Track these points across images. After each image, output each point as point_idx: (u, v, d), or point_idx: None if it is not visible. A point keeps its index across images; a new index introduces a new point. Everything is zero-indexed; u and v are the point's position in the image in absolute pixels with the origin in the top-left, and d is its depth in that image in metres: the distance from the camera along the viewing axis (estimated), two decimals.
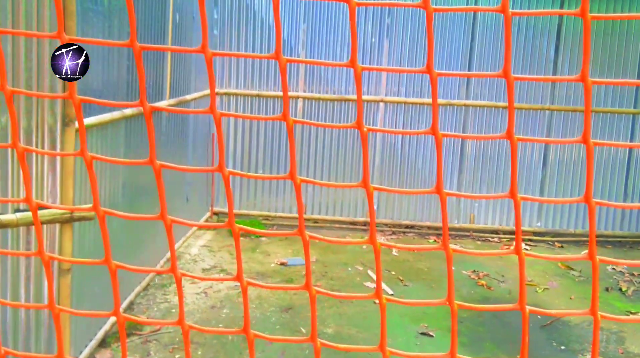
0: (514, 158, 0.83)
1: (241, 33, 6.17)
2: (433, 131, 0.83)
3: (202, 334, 3.91)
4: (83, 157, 0.86)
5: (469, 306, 0.87)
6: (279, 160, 6.38)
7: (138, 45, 0.81)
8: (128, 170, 3.95)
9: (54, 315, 0.91)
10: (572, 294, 4.90)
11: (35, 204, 0.87)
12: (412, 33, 6.14)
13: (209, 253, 5.50)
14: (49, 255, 0.89)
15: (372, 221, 0.87)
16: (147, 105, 0.83)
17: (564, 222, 6.40)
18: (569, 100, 6.22)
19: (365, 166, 0.86)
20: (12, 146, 0.85)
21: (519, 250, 0.83)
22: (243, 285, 0.89)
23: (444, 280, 5.09)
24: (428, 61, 0.82)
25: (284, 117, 0.85)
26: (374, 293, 0.89)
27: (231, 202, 0.88)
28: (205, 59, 0.82)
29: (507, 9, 0.79)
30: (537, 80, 0.83)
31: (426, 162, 6.35)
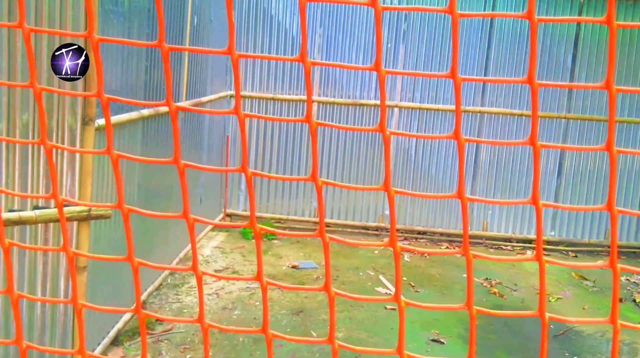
0: (537, 164, 0.83)
1: (257, 36, 6.20)
2: (456, 136, 0.84)
3: (213, 335, 3.93)
4: (109, 155, 0.87)
5: (487, 311, 0.87)
6: (293, 163, 6.39)
7: (166, 46, 0.82)
8: (143, 172, 3.98)
9: (77, 310, 0.93)
10: (585, 304, 4.85)
11: (61, 200, 0.89)
12: (428, 38, 6.14)
13: (221, 255, 5.52)
14: (74, 251, 0.90)
15: (392, 224, 0.88)
16: (174, 105, 0.84)
17: (578, 232, 6.34)
18: (586, 109, 6.17)
19: (387, 169, 0.87)
20: (40, 142, 0.87)
21: (540, 256, 0.83)
22: (263, 284, 0.90)
23: (456, 286, 5.06)
24: (452, 66, 0.82)
25: (307, 119, 0.86)
26: (393, 297, 0.90)
27: (253, 202, 0.89)
28: (231, 61, 0.83)
29: (533, 15, 0.80)
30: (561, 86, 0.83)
31: (440, 168, 6.33)
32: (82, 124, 2.53)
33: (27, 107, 2.29)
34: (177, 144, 0.86)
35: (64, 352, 0.96)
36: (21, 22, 0.85)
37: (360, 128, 0.84)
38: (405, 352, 0.90)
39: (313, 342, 0.96)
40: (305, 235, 0.91)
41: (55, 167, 0.69)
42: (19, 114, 2.24)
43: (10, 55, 2.17)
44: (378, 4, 0.82)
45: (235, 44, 0.82)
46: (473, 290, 0.87)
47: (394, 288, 4.89)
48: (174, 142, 0.87)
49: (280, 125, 6.37)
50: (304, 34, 0.84)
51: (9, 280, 0.92)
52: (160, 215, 0.91)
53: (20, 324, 0.95)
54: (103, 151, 0.88)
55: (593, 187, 6.26)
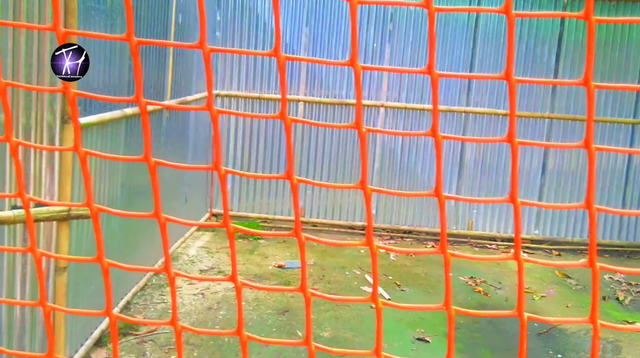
0: (515, 162, 0.82)
1: (244, 35, 6.17)
2: (433, 133, 0.82)
3: (198, 335, 3.90)
4: (77, 152, 0.84)
5: (466, 312, 0.86)
6: (279, 163, 6.37)
7: (135, 39, 0.80)
8: (127, 171, 3.93)
9: (45, 312, 0.90)
10: (569, 302, 4.88)
11: (27, 199, 0.86)
12: (414, 38, 6.14)
13: (207, 255, 5.48)
14: (41, 252, 0.88)
15: (369, 223, 0.86)
16: (143, 101, 0.82)
17: (562, 230, 6.39)
18: (569, 109, 6.21)
19: (363, 168, 0.85)
20: (5, 140, 0.84)
21: (517, 255, 0.82)
22: (237, 285, 0.88)
23: (441, 285, 5.07)
24: (429, 62, 0.81)
25: (282, 116, 0.84)
26: (370, 297, 0.88)
27: (226, 201, 0.87)
28: (203, 55, 0.81)
29: (511, 10, 0.78)
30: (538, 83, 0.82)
31: (425, 168, 6.34)
32: (62, 121, 2.49)
33: None
34: (148, 141, 0.84)
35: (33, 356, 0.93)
36: None
37: (336, 125, 0.82)
38: (383, 353, 0.89)
39: (290, 343, 0.94)
40: (280, 234, 0.89)
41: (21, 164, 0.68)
42: None
43: None
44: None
45: (206, 38, 0.80)
46: (451, 290, 0.86)
47: (380, 287, 4.88)
48: (144, 138, 0.84)
49: (266, 124, 6.34)
50: (277, 28, 0.82)
51: None
52: (129, 214, 0.89)
53: None
54: (71, 148, 0.85)
55: (577, 186, 6.31)
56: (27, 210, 0.87)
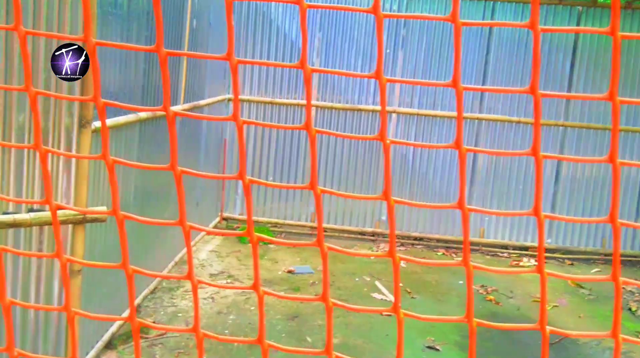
0: (539, 175, 0.82)
1: (257, 40, 6.20)
2: (457, 145, 0.82)
3: (208, 340, 3.90)
4: (105, 160, 0.86)
5: (489, 324, 0.86)
6: (290, 168, 6.38)
7: (164, 51, 0.81)
8: (140, 174, 3.96)
9: (69, 318, 0.91)
10: (581, 313, 4.84)
11: (55, 206, 0.87)
12: (427, 45, 6.14)
13: (217, 259, 5.50)
14: (67, 258, 0.89)
15: (392, 234, 0.86)
16: (171, 111, 0.83)
17: (575, 240, 6.34)
18: (583, 117, 6.18)
19: (387, 178, 0.85)
20: (34, 147, 0.85)
21: (541, 269, 0.82)
22: (259, 294, 0.89)
23: (452, 293, 5.05)
24: (454, 75, 0.81)
25: (307, 127, 0.85)
26: (392, 308, 0.88)
27: (250, 210, 0.88)
28: (230, 67, 0.82)
29: (537, 25, 0.79)
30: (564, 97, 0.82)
31: (437, 174, 6.32)
32: (79, 126, 2.51)
33: (23, 109, 2.27)
34: (175, 150, 0.85)
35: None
36: (17, 25, 0.84)
37: (360, 136, 0.83)
38: None
39: (310, 352, 0.95)
40: (304, 244, 0.89)
41: (49, 172, 0.68)
42: (15, 115, 2.22)
43: (8, 57, 2.16)
44: (379, 11, 0.81)
45: (234, 49, 0.81)
46: (473, 302, 0.86)
47: (390, 294, 4.87)
48: (171, 148, 0.85)
49: (278, 130, 6.36)
50: (304, 40, 0.82)
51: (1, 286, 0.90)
52: (156, 222, 0.90)
53: (12, 331, 0.93)
54: (99, 156, 0.86)
55: (590, 194, 6.26)
56: (55, 217, 0.88)
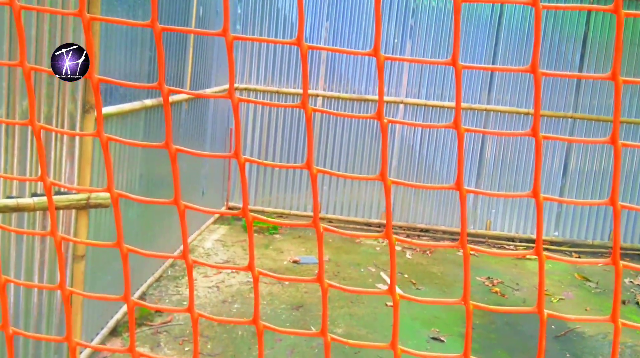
0: (538, 156, 0.80)
1: (264, 29, 6.17)
2: (455, 125, 0.81)
3: (212, 328, 3.92)
4: (99, 138, 0.85)
5: (484, 307, 0.85)
6: (297, 156, 6.37)
7: (159, 26, 0.80)
8: (145, 161, 3.96)
9: (64, 296, 0.91)
10: (587, 305, 4.82)
11: (49, 183, 0.87)
12: (435, 35, 6.09)
13: (222, 248, 5.51)
14: (61, 236, 0.88)
15: (388, 215, 0.85)
16: (166, 88, 0.82)
17: (582, 233, 6.30)
18: (593, 108, 6.12)
19: (384, 159, 0.84)
20: (29, 123, 0.85)
21: (539, 251, 0.81)
22: (254, 274, 0.88)
23: (457, 285, 5.04)
24: (454, 53, 0.80)
25: (304, 105, 0.83)
26: (387, 290, 0.87)
27: (246, 190, 0.87)
28: (225, 43, 0.81)
29: (538, 2, 0.77)
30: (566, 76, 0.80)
31: (444, 164, 6.29)
32: (83, 111, 2.51)
33: (26, 95, 2.26)
34: (169, 128, 0.84)
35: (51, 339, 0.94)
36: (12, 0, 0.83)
37: (357, 115, 0.82)
38: (400, 347, 0.88)
39: (305, 334, 0.94)
40: (299, 224, 0.88)
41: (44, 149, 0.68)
42: (19, 99, 2.22)
43: (12, 39, 2.15)
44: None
45: (229, 26, 0.80)
46: (469, 285, 0.84)
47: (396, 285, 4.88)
48: (167, 126, 0.84)
49: (285, 117, 6.34)
50: (301, 18, 0.81)
51: None
52: (149, 201, 0.89)
53: (7, 310, 0.93)
54: (94, 134, 0.85)
55: (598, 186, 6.21)
56: (49, 194, 0.88)
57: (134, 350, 0.89)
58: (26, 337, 0.83)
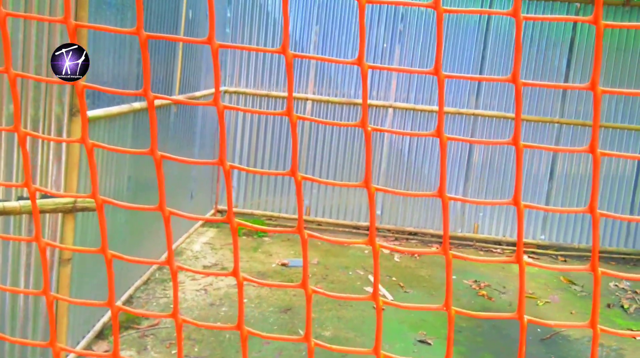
0: (519, 165, 0.82)
1: (253, 32, 6.17)
2: (438, 134, 0.82)
3: (199, 331, 3.91)
4: (84, 143, 0.85)
5: (466, 313, 0.86)
6: (285, 161, 6.37)
7: (144, 33, 0.80)
8: (133, 165, 3.95)
9: (48, 302, 0.91)
10: (573, 309, 4.86)
11: (34, 189, 0.87)
12: (424, 39, 6.13)
13: (210, 251, 5.50)
14: (46, 242, 0.88)
15: (372, 222, 0.86)
16: (151, 95, 0.82)
17: (568, 236, 6.36)
18: (579, 114, 6.18)
19: (367, 166, 0.85)
20: (13, 130, 0.85)
21: (520, 258, 0.82)
22: (239, 280, 0.89)
23: (444, 288, 5.06)
24: (436, 63, 0.81)
25: (289, 112, 0.84)
26: (371, 296, 0.88)
27: (231, 196, 0.87)
28: (211, 51, 0.82)
29: (519, 12, 0.78)
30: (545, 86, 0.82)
31: (432, 169, 6.33)
32: (70, 114, 2.50)
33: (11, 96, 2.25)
34: (154, 135, 0.85)
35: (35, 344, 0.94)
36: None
37: (342, 123, 0.83)
38: (383, 352, 0.89)
39: (289, 339, 0.95)
40: (283, 231, 0.89)
41: (28, 155, 0.68)
42: (5, 103, 2.21)
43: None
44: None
45: (220, 40, 0.80)
46: (452, 290, 0.86)
47: (384, 288, 4.88)
48: (152, 132, 0.85)
49: (274, 123, 6.34)
50: (286, 25, 0.82)
51: None
52: (134, 207, 0.89)
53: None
54: (78, 139, 0.86)
55: (585, 191, 6.28)
56: (33, 200, 0.88)
57: (118, 356, 0.89)
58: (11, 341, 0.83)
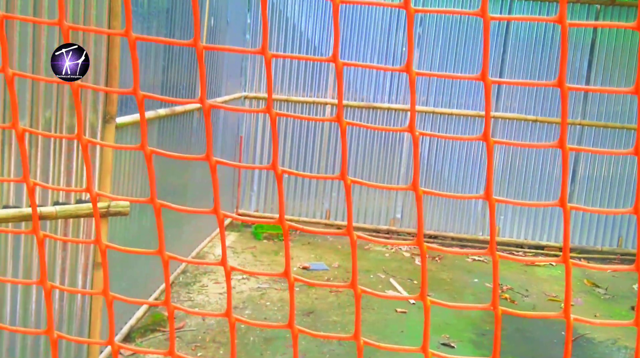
0: (565, 168, 0.84)
1: (273, 38, 6.23)
2: (485, 138, 0.85)
3: (224, 334, 3.95)
4: (143, 150, 0.89)
5: (514, 312, 0.88)
6: (305, 162, 6.41)
7: (201, 45, 0.84)
8: (158, 171, 4.01)
9: (108, 302, 0.95)
10: (597, 311, 4.82)
11: (95, 194, 0.91)
12: (443, 43, 6.14)
13: (232, 254, 5.55)
14: (106, 244, 0.92)
15: (420, 223, 0.89)
16: (207, 103, 0.86)
17: (591, 239, 6.30)
18: (601, 115, 6.14)
19: (416, 170, 0.88)
20: (77, 138, 0.89)
21: (566, 259, 0.84)
22: (290, 281, 0.92)
23: (467, 291, 5.05)
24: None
25: (339, 119, 0.87)
26: (419, 295, 0.91)
27: (282, 200, 0.91)
28: (264, 61, 0.85)
29: (564, 19, 0.81)
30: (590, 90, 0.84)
31: (452, 172, 6.32)
32: (103, 121, 2.56)
33: (50, 104, 2.32)
34: (210, 141, 0.88)
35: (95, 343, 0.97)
36: (61, 20, 0.88)
37: (389, 128, 0.86)
38: (430, 350, 0.91)
39: (339, 338, 0.97)
40: (333, 233, 0.92)
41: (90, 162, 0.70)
42: (42, 110, 2.27)
43: (35, 53, 2.21)
44: (410, 6, 0.83)
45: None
46: (498, 290, 0.88)
47: (405, 291, 4.89)
48: (207, 139, 0.89)
49: (294, 125, 6.39)
50: (336, 35, 0.85)
51: (42, 271, 0.94)
52: (191, 211, 0.93)
53: (52, 315, 0.97)
54: (137, 147, 0.90)
55: (607, 193, 6.22)
56: (95, 204, 0.92)
57: (173, 353, 0.93)
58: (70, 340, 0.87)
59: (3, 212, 2.08)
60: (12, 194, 2.16)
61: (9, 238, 2.17)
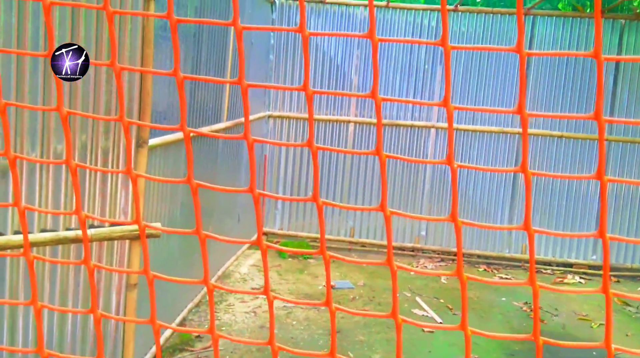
0: (603, 198, 0.85)
1: (296, 59, 6.31)
2: (523, 169, 0.86)
3: (251, 353, 3.97)
4: (189, 184, 0.92)
5: (555, 342, 0.89)
6: (329, 184, 6.43)
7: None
8: (186, 191, 4.08)
9: (155, 330, 0.98)
10: (628, 331, 4.72)
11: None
12: (465, 61, 6.15)
13: (258, 273, 5.58)
14: (154, 274, 0.96)
15: (459, 252, 0.90)
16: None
17: (621, 256, 6.19)
18: (628, 131, 6.07)
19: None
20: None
21: (606, 289, 0.85)
22: (332, 310, 0.94)
23: (494, 310, 5.00)
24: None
25: (378, 152, 0.90)
26: (460, 325, 0.92)
27: (323, 228, 0.93)
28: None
29: (600, 54, 0.82)
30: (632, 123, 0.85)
31: (477, 190, 6.29)
32: (137, 145, 2.63)
33: (85, 129, 2.39)
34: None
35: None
36: (113, 61, 0.92)
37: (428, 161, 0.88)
38: None
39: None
40: (373, 263, 0.94)
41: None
42: (78, 135, 2.34)
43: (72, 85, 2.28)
44: (447, 43, 0.86)
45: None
46: (539, 320, 0.89)
47: (432, 310, 4.85)
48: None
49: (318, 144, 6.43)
50: (375, 73, 0.88)
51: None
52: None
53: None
54: (184, 180, 0.93)
55: (636, 211, 6.12)
56: (142, 235, 0.95)
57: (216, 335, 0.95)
58: None
59: (41, 236, 2.14)
60: (49, 218, 2.23)
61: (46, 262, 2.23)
